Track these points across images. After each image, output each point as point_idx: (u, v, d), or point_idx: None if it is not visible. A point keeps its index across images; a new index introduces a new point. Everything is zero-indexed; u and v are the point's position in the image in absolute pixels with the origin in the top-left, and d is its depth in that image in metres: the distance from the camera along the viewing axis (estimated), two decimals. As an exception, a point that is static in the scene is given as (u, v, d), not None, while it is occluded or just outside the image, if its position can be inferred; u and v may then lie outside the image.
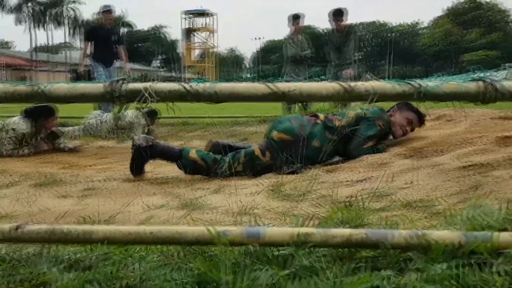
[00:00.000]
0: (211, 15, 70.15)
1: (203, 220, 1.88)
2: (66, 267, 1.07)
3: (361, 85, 0.99)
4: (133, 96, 1.01)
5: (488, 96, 0.95)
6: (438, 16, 68.30)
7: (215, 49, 73.07)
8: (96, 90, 1.03)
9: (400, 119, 3.11)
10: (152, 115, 5.59)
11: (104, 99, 1.04)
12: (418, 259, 0.97)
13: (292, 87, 0.99)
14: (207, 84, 0.97)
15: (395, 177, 2.24)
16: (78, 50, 61.69)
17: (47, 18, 53.20)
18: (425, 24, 72.62)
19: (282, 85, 0.99)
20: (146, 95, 0.99)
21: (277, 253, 1.00)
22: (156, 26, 74.87)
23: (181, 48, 73.43)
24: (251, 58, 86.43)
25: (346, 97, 1.01)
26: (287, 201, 2.18)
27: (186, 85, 1.00)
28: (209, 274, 0.94)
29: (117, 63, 7.51)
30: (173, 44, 75.40)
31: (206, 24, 71.00)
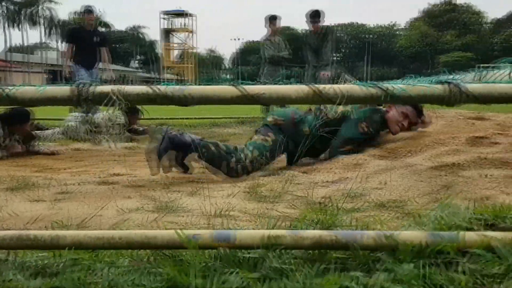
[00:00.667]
0: (190, 15, 69.83)
1: (177, 223, 1.86)
2: (32, 274, 1.05)
3: (331, 88, 1.00)
4: (101, 100, 0.99)
5: (453, 99, 0.96)
6: (414, 18, 69.49)
7: (194, 50, 72.74)
8: (64, 93, 1.01)
9: (396, 115, 3.04)
10: (133, 112, 5.52)
11: (72, 103, 1.02)
12: (386, 259, 0.98)
13: (262, 90, 0.99)
14: (176, 87, 0.97)
15: (369, 178, 2.26)
16: (54, 51, 60.68)
17: (22, 17, 52.19)
18: (402, 26, 73.81)
19: (252, 88, 0.99)
20: (114, 98, 0.98)
21: (247, 256, 1.00)
22: (134, 27, 74.15)
23: (160, 49, 72.94)
24: (230, 59, 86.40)
25: (316, 100, 1.02)
26: (263, 202, 2.19)
27: (155, 88, 0.99)
28: (179, 278, 0.94)
29: (99, 65, 7.34)
30: (151, 44, 74.86)
31: (185, 24, 70.63)
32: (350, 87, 1.00)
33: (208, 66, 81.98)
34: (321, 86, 1.01)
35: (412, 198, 1.79)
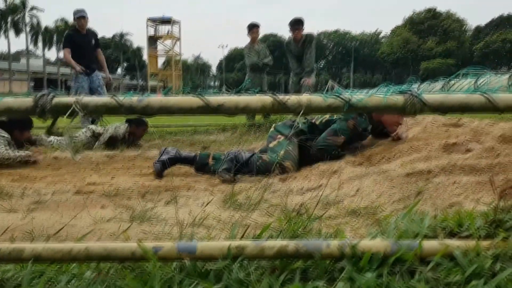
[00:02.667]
0: (175, 22, 69.77)
1: (150, 232, 1.85)
2: (-7, 288, 1.03)
3: (293, 98, 1.01)
4: (62, 111, 0.98)
5: (413, 108, 0.98)
6: (397, 25, 70.52)
7: (179, 57, 72.63)
8: (24, 104, 1.00)
9: (391, 116, 3.08)
10: (140, 124, 5.40)
11: (33, 113, 1.01)
12: (349, 268, 0.98)
13: (224, 100, 0.99)
14: (136, 98, 0.96)
15: (344, 185, 2.27)
16: (39, 58, 59.97)
17: (7, 25, 51.62)
18: (385, 33, 74.79)
19: (215, 98, 0.99)
20: (76, 108, 0.97)
21: (211, 267, 1.00)
22: (119, 34, 73.83)
23: (145, 56, 72.66)
24: (216, 66, 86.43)
25: (279, 110, 1.03)
26: (239, 211, 2.18)
27: (118, 99, 0.98)
28: (141, 290, 0.93)
29: (100, 75, 7.07)
30: (137, 51, 74.53)
31: (170, 31, 70.54)
32: (312, 97, 1.01)
33: (193, 72, 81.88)
34: (284, 97, 1.02)
35: (383, 205, 1.81)
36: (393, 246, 0.98)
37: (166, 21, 69.43)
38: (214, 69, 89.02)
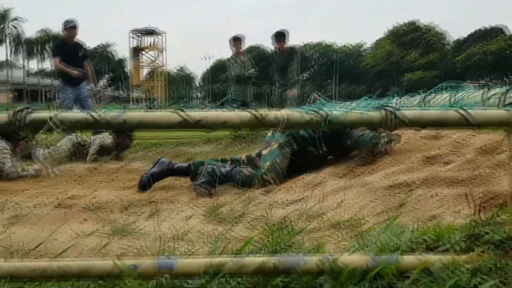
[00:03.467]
0: (159, 34, 69.75)
1: (131, 247, 1.83)
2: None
3: (272, 114, 1.01)
4: (38, 126, 0.97)
5: (391, 124, 0.99)
6: (380, 38, 71.62)
7: (163, 68, 72.52)
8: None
9: None
10: (126, 135, 5.35)
11: (8, 129, 0.99)
12: (329, 283, 0.98)
13: (203, 116, 0.99)
14: (115, 113, 0.96)
15: (328, 197, 2.28)
16: (20, 69, 59.27)
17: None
18: (369, 45, 75.88)
19: (193, 114, 0.99)
20: (51, 124, 0.96)
21: (190, 284, 0.99)
22: (102, 44, 73.52)
23: (129, 67, 72.44)
24: (201, 77, 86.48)
25: (258, 125, 1.03)
26: (222, 224, 2.17)
27: (94, 114, 0.98)
28: (118, 309, 0.91)
29: (88, 86, 6.97)
30: (120, 62, 74.28)
31: (154, 42, 70.47)
32: (291, 112, 1.01)
33: (178, 84, 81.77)
34: (263, 112, 1.02)
35: (366, 217, 1.81)
36: (373, 260, 0.98)
37: (150, 32, 69.36)
38: (198, 80, 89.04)
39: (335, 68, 64.72)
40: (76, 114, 0.97)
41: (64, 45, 6.85)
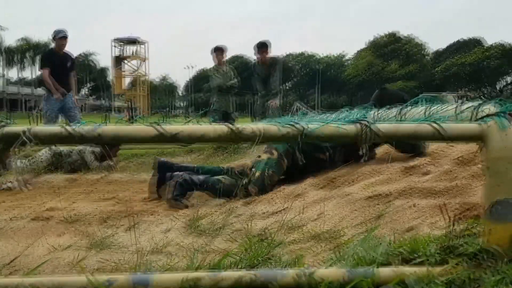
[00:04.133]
0: (142, 43, 69.52)
1: (109, 261, 1.80)
2: None
3: (249, 128, 1.01)
4: (11, 140, 0.95)
5: (366, 138, 1.00)
6: (361, 49, 72.68)
7: (146, 77, 72.20)
8: (-29, 133, 0.96)
9: None
10: (112, 145, 5.29)
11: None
12: (306, 297, 0.98)
13: (179, 130, 0.98)
14: (89, 127, 0.94)
15: (308, 208, 2.28)
16: (0, 78, 58.28)
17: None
18: (350, 56, 76.91)
19: (170, 128, 0.99)
20: (25, 138, 0.94)
21: (166, 299, 0.97)
22: (84, 53, 72.96)
23: (111, 76, 71.99)
24: (184, 86, 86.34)
25: (235, 139, 1.03)
26: (202, 236, 2.15)
27: (69, 128, 0.96)
28: (91, 327, 0.89)
29: (72, 98, 6.85)
30: (102, 71, 73.76)
31: (136, 52, 70.21)
32: (267, 126, 1.02)
33: (160, 93, 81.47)
34: (240, 126, 1.02)
35: (345, 229, 1.82)
36: (349, 274, 0.98)
37: (133, 41, 69.10)
38: (181, 90, 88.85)
39: (318, 78, 65.38)
40: (50, 128, 0.96)
41: (53, 55, 6.75)
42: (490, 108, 1.02)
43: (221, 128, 1.00)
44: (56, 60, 6.65)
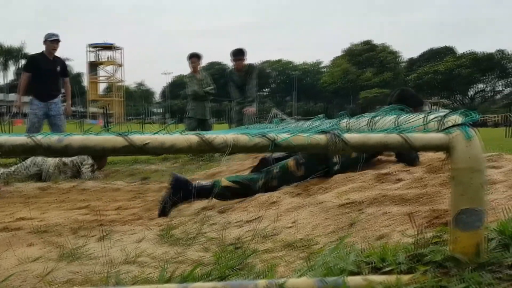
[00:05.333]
0: (117, 49, 68.82)
1: (79, 273, 1.76)
2: None
3: (220, 138, 1.01)
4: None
5: (336, 148, 1.01)
6: (336, 56, 73.71)
7: (122, 83, 71.39)
8: None
9: None
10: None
11: None
12: (277, 308, 0.98)
13: (150, 139, 0.97)
14: (55, 137, 0.93)
15: (282, 216, 2.29)
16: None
17: None
18: (326, 63, 77.87)
19: (139, 138, 0.97)
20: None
21: (134, 313, 0.96)
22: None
23: (86, 82, 70.97)
24: (160, 93, 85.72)
25: (206, 149, 1.02)
26: (175, 246, 2.13)
27: (36, 138, 0.94)
28: None
29: (56, 99, 6.66)
30: (77, 77, 72.61)
31: (112, 57, 69.43)
32: (238, 136, 1.01)
33: (137, 99, 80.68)
34: (211, 136, 1.02)
35: (318, 237, 1.83)
36: (319, 284, 0.99)
37: (108, 47, 68.33)
38: (157, 96, 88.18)
39: (294, 85, 65.92)
40: (15, 137, 0.94)
41: (40, 59, 6.51)
42: (455, 118, 1.05)
43: (192, 138, 1.00)
44: (43, 64, 6.44)
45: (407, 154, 2.91)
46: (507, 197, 1.74)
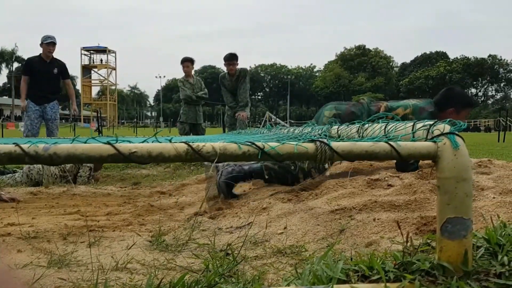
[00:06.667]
0: (111, 52, 68.64)
1: (68, 280, 1.74)
2: None
3: (208, 146, 1.01)
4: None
5: (324, 156, 1.01)
6: (329, 61, 74.04)
7: (115, 86, 71.18)
8: None
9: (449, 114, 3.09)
10: None
11: None
12: (264, 317, 0.97)
13: (138, 147, 0.97)
14: (42, 146, 0.92)
15: (272, 222, 2.29)
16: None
17: None
18: (320, 68, 78.17)
19: (126, 146, 0.97)
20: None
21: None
22: (50, 62, 71.40)
23: (79, 85, 70.72)
24: (153, 97, 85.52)
25: (194, 158, 1.02)
26: (165, 252, 2.12)
27: (22, 146, 0.94)
28: None
29: (57, 107, 6.64)
30: (70, 80, 72.31)
31: (105, 61, 69.25)
32: (227, 144, 1.01)
33: (130, 103, 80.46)
34: (200, 144, 1.02)
35: (308, 243, 1.83)
36: (307, 292, 0.98)
37: (101, 50, 68.17)
38: (151, 100, 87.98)
39: (287, 90, 66.10)
40: (1, 146, 0.93)
41: (36, 62, 6.48)
42: (443, 127, 1.06)
43: (180, 146, 1.00)
44: (39, 66, 6.43)
45: (406, 164, 2.95)
46: (496, 204, 1.76)
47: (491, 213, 1.68)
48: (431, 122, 1.11)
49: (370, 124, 1.50)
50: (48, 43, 6.42)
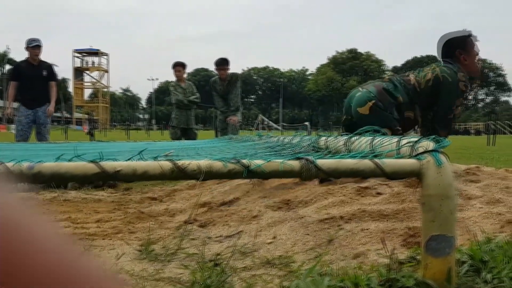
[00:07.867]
0: (103, 54, 68.43)
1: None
2: None
3: (193, 164, 1.01)
4: None
5: (309, 174, 1.01)
6: (321, 64, 74.34)
7: (107, 89, 70.94)
8: None
9: (472, 60, 3.17)
10: None
11: None
12: (250, 334, 0.97)
13: (123, 166, 0.97)
14: (28, 164, 0.92)
15: (262, 231, 2.29)
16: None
17: None
18: (312, 71, 78.43)
19: (111, 164, 0.97)
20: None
21: None
22: (41, 64, 71.02)
23: (71, 87, 70.38)
24: (146, 99, 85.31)
25: (179, 176, 1.02)
26: (154, 262, 2.11)
27: (7, 165, 0.93)
28: None
29: (44, 106, 6.53)
30: (62, 83, 71.93)
31: (98, 63, 69.02)
32: (212, 162, 1.02)
33: (122, 105, 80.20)
34: (182, 162, 1.02)
35: (297, 254, 1.83)
36: (293, 310, 0.99)
37: (94, 52, 67.91)
38: (143, 102, 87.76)
39: (280, 93, 66.21)
40: (-17, 165, 0.93)
41: (25, 66, 6.42)
42: (427, 144, 1.07)
43: (165, 164, 1.00)
44: (28, 71, 6.36)
45: None
46: (482, 215, 1.77)
47: (478, 224, 1.70)
48: (415, 139, 1.12)
49: (357, 138, 1.51)
50: (34, 47, 6.36)
